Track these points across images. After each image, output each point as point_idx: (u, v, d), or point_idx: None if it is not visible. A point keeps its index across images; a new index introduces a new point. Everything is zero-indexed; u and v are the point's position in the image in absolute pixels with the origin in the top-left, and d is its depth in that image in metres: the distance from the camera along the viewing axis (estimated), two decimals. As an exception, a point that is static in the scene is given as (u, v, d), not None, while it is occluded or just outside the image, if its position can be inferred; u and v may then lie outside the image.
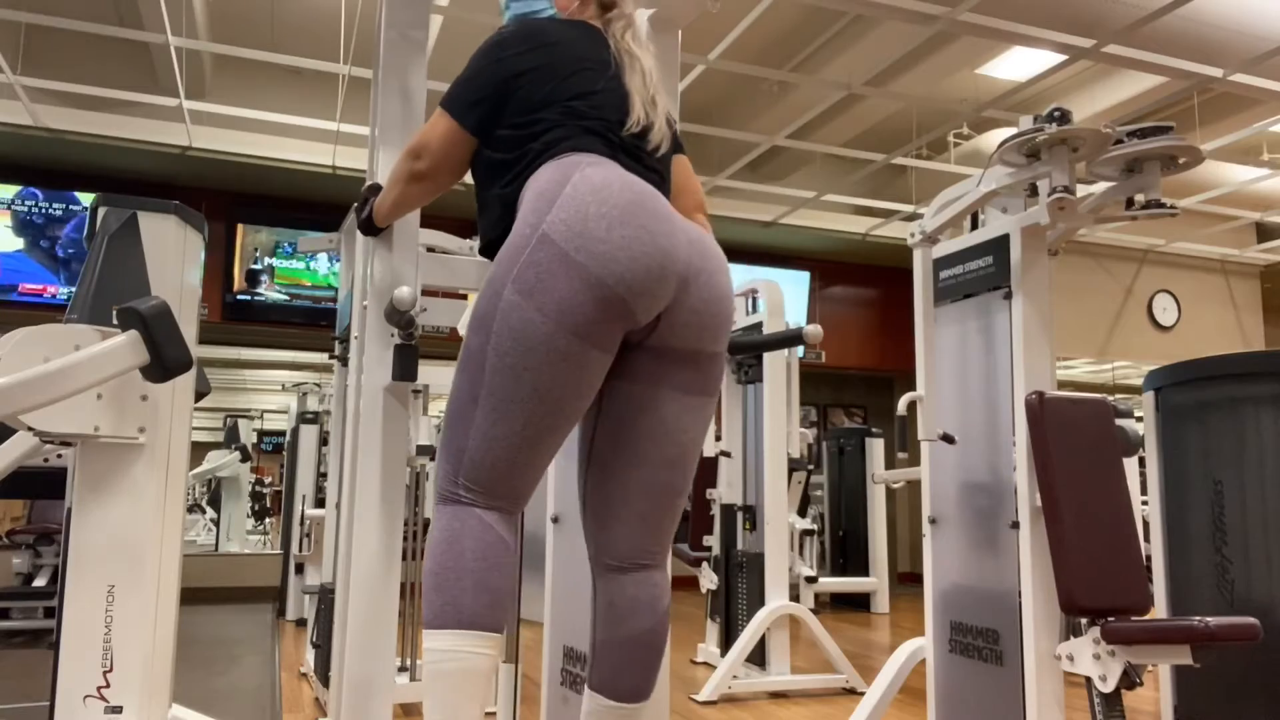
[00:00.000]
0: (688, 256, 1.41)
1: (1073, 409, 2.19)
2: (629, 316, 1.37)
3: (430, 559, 1.36)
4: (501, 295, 1.35)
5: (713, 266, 1.46)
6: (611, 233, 1.34)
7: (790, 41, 5.81)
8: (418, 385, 3.86)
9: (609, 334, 1.36)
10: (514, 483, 1.39)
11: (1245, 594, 2.38)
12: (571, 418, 1.40)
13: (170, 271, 2.02)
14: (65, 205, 6.29)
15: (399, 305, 1.56)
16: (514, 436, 1.36)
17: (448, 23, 5.33)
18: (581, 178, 1.38)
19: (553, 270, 1.32)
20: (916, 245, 2.67)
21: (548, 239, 1.34)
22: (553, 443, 1.40)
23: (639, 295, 1.35)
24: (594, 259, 1.32)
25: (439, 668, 1.31)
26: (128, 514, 1.89)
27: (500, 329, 1.35)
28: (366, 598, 1.64)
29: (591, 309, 1.33)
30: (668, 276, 1.38)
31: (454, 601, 1.31)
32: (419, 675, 3.58)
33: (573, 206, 1.35)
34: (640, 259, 1.34)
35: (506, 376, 1.34)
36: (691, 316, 1.43)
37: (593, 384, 1.39)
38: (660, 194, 1.46)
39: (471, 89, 1.52)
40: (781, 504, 4.03)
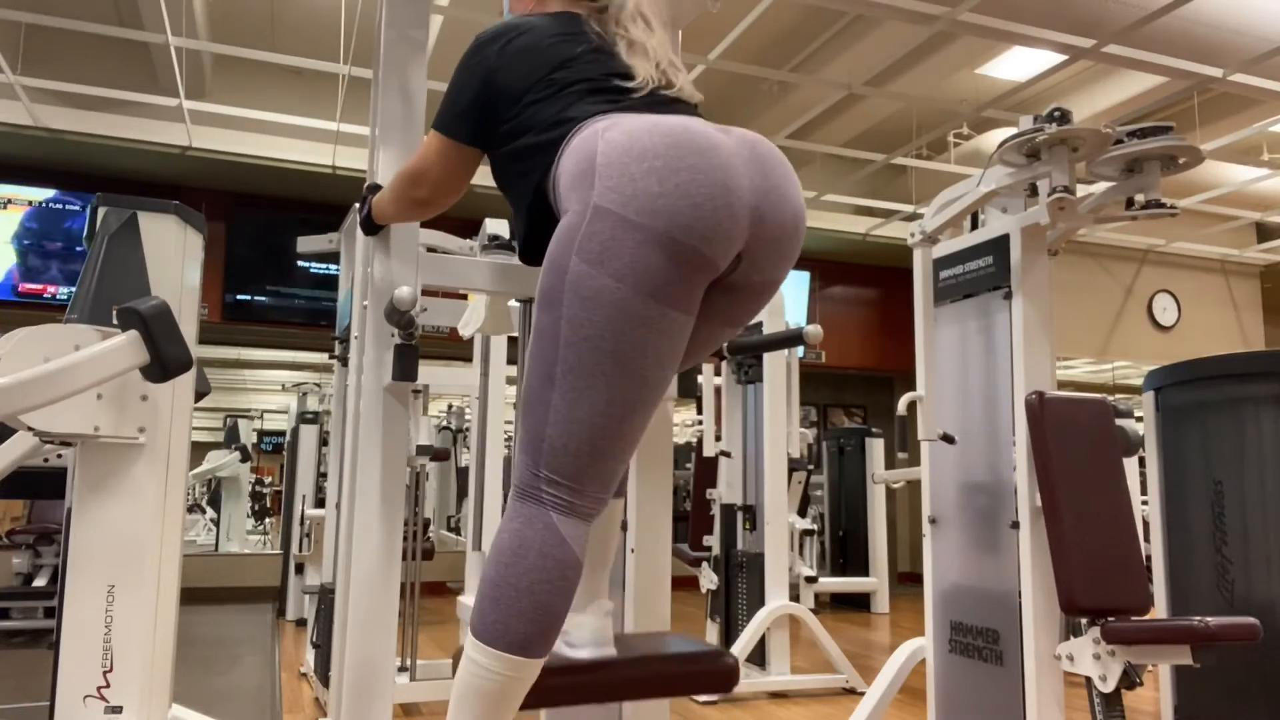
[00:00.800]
0: (749, 179, 1.30)
1: (1073, 409, 2.19)
2: (710, 266, 1.27)
3: (493, 565, 1.27)
4: (568, 268, 1.24)
5: (777, 180, 1.33)
6: (665, 184, 1.23)
7: (790, 41, 5.81)
8: (418, 385, 3.86)
9: (691, 292, 1.27)
10: (601, 469, 1.28)
11: (1245, 594, 2.38)
12: (657, 391, 1.29)
13: (170, 271, 2.02)
14: (65, 205, 6.29)
15: (399, 305, 1.56)
16: (598, 416, 1.25)
17: (448, 23, 5.33)
18: (605, 145, 1.27)
19: (617, 236, 1.22)
20: (916, 245, 2.67)
21: (602, 210, 1.23)
22: (640, 421, 1.29)
23: (714, 240, 1.25)
24: (657, 216, 1.22)
25: (477, 684, 1.25)
26: (128, 514, 1.89)
27: (571, 300, 1.24)
28: (366, 598, 1.64)
29: (669, 269, 1.23)
30: (736, 211, 1.27)
31: (507, 622, 1.24)
32: (419, 675, 3.58)
33: (613, 175, 1.24)
34: (704, 202, 1.23)
35: (584, 350, 1.24)
36: (773, 246, 1.33)
37: (677, 351, 1.29)
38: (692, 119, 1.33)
39: (456, 101, 1.47)
40: (781, 504, 4.03)
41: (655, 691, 1.49)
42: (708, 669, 1.52)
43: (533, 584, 1.24)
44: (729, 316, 1.41)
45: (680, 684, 1.51)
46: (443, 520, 9.05)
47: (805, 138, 6.44)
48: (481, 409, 3.75)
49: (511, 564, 1.25)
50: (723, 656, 1.53)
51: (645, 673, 1.48)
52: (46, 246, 6.22)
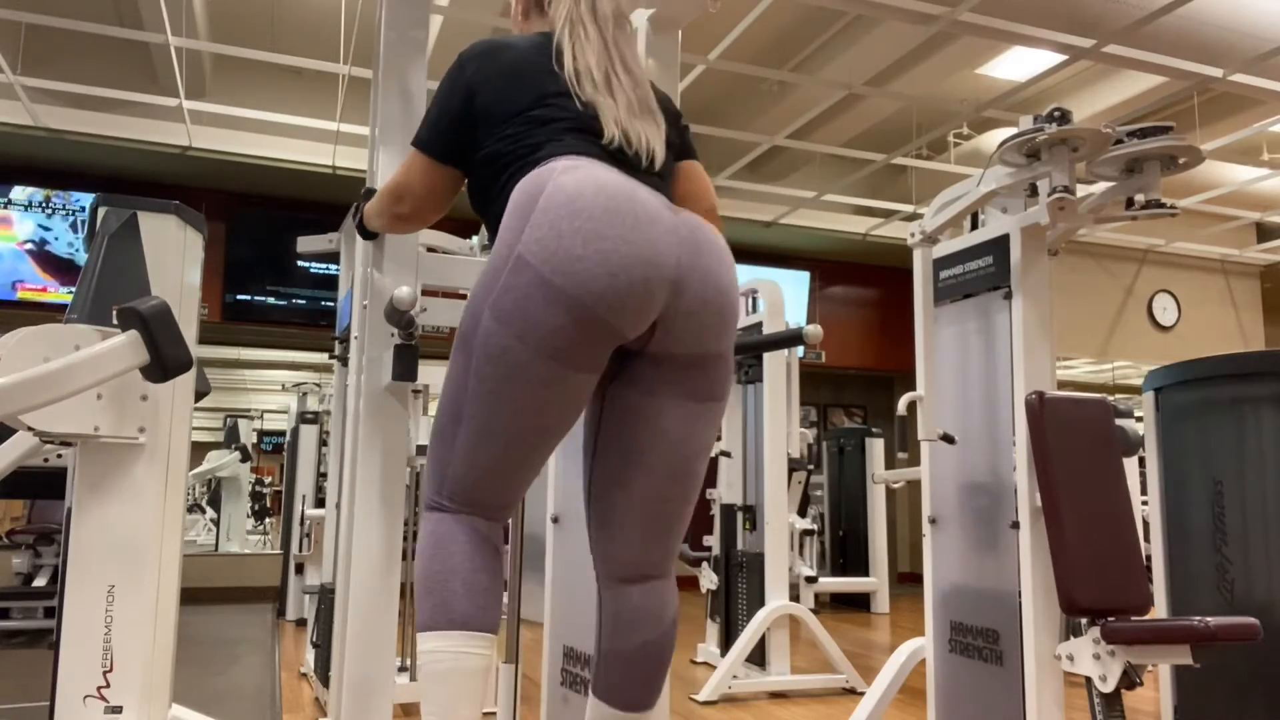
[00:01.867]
0: (677, 258, 1.33)
1: (1073, 409, 2.19)
2: (615, 335, 1.31)
3: (419, 563, 1.36)
4: (480, 321, 1.31)
5: (707, 261, 1.36)
6: (588, 248, 1.26)
7: (790, 41, 5.81)
8: (418, 385, 3.86)
9: (594, 355, 1.31)
10: (497, 497, 1.38)
11: (1245, 594, 2.38)
12: (555, 438, 1.37)
13: (170, 271, 2.02)
14: (65, 205, 6.29)
15: (399, 305, 1.56)
16: (494, 459, 1.34)
17: (448, 23, 5.33)
18: (555, 188, 1.30)
19: (529, 294, 1.27)
20: (916, 245, 2.67)
21: (523, 261, 1.28)
22: (536, 462, 1.38)
23: (623, 312, 1.28)
24: (571, 280, 1.26)
25: (433, 669, 1.31)
26: (128, 514, 1.90)
27: (480, 355, 1.31)
28: (366, 598, 1.64)
29: (572, 332, 1.27)
30: (654, 287, 1.30)
31: (444, 603, 1.31)
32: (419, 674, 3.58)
33: (546, 223, 1.28)
34: (620, 274, 1.27)
35: (487, 402, 1.31)
36: (689, 320, 1.35)
37: (578, 404, 1.36)
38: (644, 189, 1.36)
39: (437, 119, 1.47)
40: (781, 504, 4.03)
41: None
42: None
43: (456, 564, 1.33)
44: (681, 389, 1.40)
45: None
46: (443, 520, 9.03)
47: (805, 138, 6.44)
48: (481, 409, 3.74)
49: (434, 555, 1.35)
50: None
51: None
52: (47, 247, 6.22)
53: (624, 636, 1.45)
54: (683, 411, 1.41)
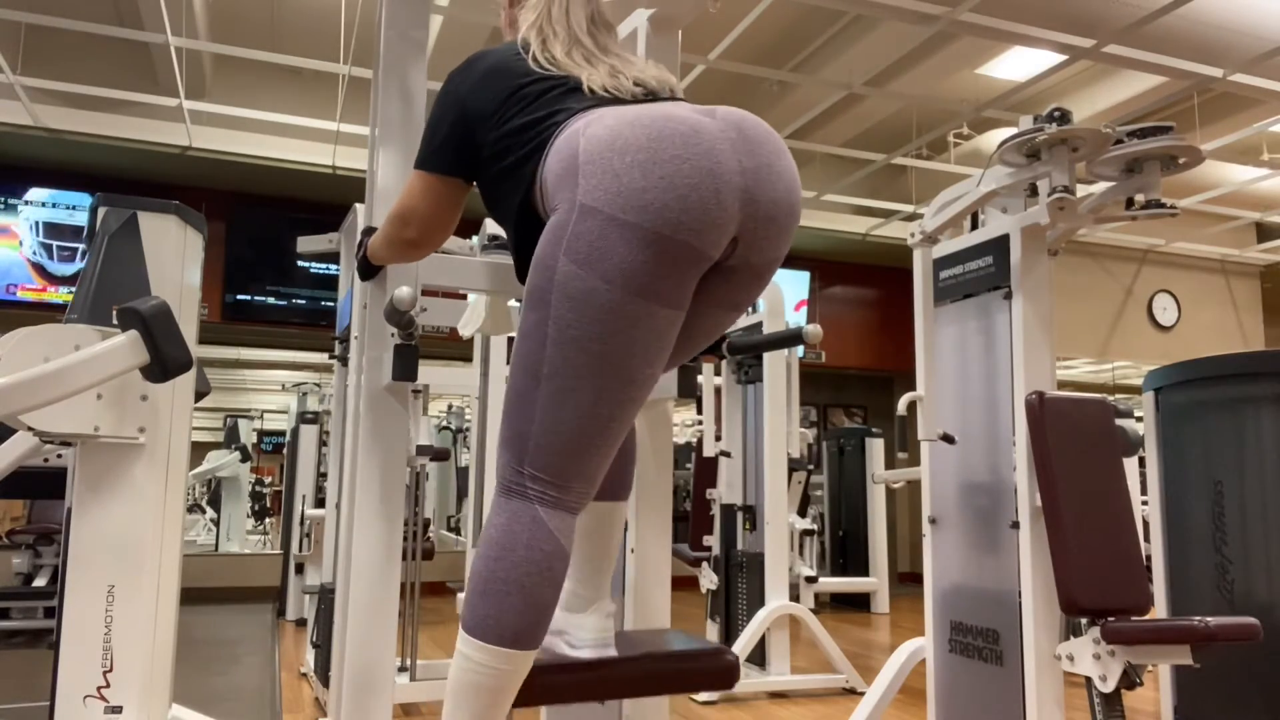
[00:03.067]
0: (738, 161, 1.26)
1: (1073, 409, 2.19)
2: (703, 258, 1.24)
3: (482, 560, 1.27)
4: (555, 268, 1.23)
5: (766, 156, 1.29)
6: (649, 177, 1.20)
7: (790, 41, 5.81)
8: (418, 385, 3.86)
9: (683, 287, 1.25)
10: (586, 465, 1.28)
11: (1245, 594, 2.38)
12: (646, 387, 1.28)
13: (170, 271, 2.02)
14: (65, 205, 6.29)
15: (399, 305, 1.56)
16: (584, 416, 1.24)
17: (448, 23, 5.33)
18: (587, 141, 1.25)
19: (605, 235, 1.20)
20: (916, 245, 2.67)
21: (588, 209, 1.21)
22: (627, 418, 1.29)
23: (705, 232, 1.22)
24: (644, 212, 1.19)
25: (471, 679, 1.26)
26: (128, 514, 1.90)
27: (559, 300, 1.22)
28: (366, 598, 1.64)
29: (659, 266, 1.21)
30: (725, 199, 1.23)
31: (499, 616, 1.24)
32: (419, 675, 3.58)
33: (596, 171, 1.22)
34: (690, 193, 1.20)
35: (571, 350, 1.22)
36: (769, 225, 1.29)
37: (666, 346, 1.28)
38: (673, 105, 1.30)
39: (434, 136, 1.46)
40: (781, 504, 4.03)
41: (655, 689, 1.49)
42: (708, 666, 1.52)
43: (522, 577, 1.24)
44: (731, 301, 1.38)
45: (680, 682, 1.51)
46: (443, 520, 9.05)
47: (805, 138, 6.44)
48: (481, 409, 3.75)
49: (500, 557, 1.25)
50: (723, 654, 1.53)
51: (645, 671, 1.48)
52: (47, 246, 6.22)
53: None
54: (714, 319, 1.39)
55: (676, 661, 1.51)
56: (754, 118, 1.33)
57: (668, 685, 1.49)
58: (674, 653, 1.52)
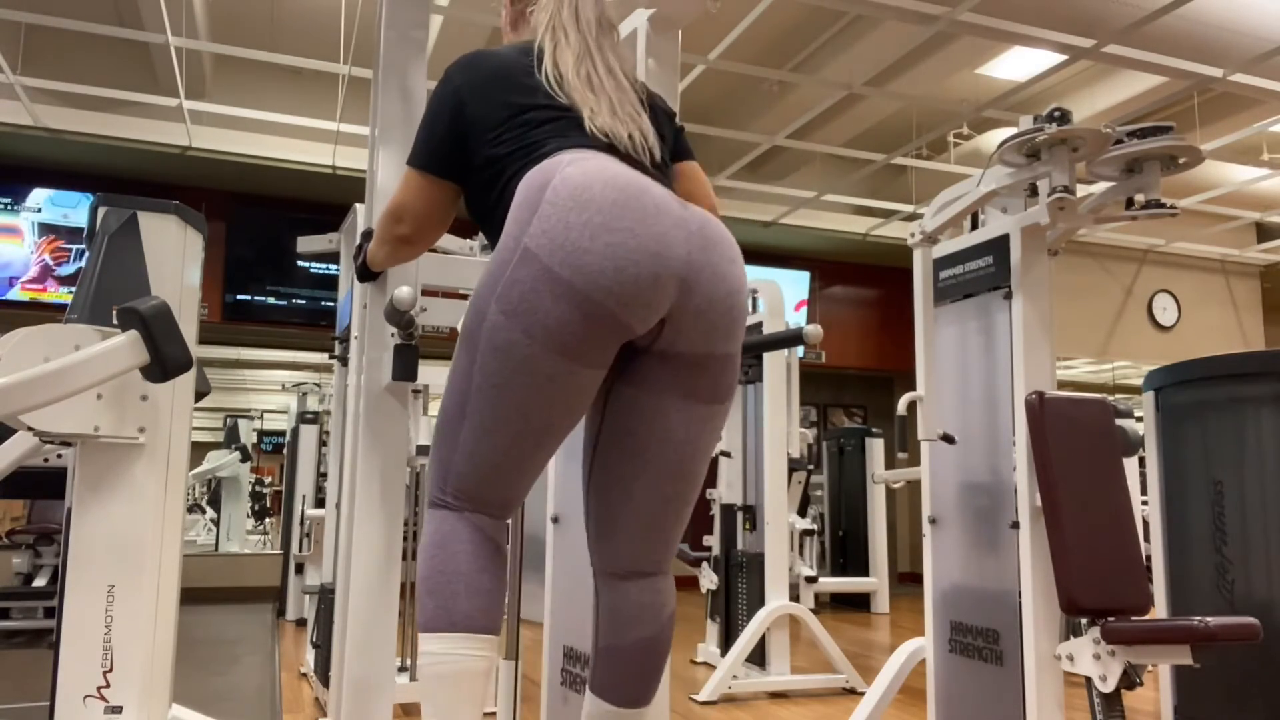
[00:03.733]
0: (687, 253, 1.31)
1: (1073, 409, 2.19)
2: (624, 330, 1.29)
3: (422, 563, 1.34)
4: (486, 315, 1.30)
5: (717, 258, 1.35)
6: (595, 241, 1.24)
7: (790, 41, 5.81)
8: (418, 385, 3.86)
9: (601, 350, 1.29)
10: (502, 494, 1.36)
11: (1245, 594, 2.38)
12: (560, 434, 1.36)
13: (170, 271, 2.02)
14: (65, 205, 6.29)
15: (399, 305, 1.56)
16: (499, 455, 1.33)
17: (448, 23, 5.33)
18: (561, 180, 1.28)
19: (536, 289, 1.25)
20: (916, 245, 2.67)
21: (530, 254, 1.26)
22: (541, 458, 1.36)
23: (631, 307, 1.27)
24: (579, 273, 1.24)
25: (434, 670, 1.30)
26: (128, 514, 1.90)
27: (485, 349, 1.30)
28: (366, 598, 1.64)
29: (580, 327, 1.26)
30: (663, 282, 1.28)
31: (446, 605, 1.30)
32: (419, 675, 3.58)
33: (553, 216, 1.26)
34: (629, 268, 1.25)
35: (491, 397, 1.30)
36: (698, 319, 1.34)
37: (584, 400, 1.34)
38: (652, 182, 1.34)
39: (429, 135, 1.47)
40: (781, 504, 4.03)
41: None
42: None
43: (459, 565, 1.32)
44: (686, 389, 1.38)
45: None
46: (443, 520, 9.03)
47: (805, 138, 6.44)
48: (481, 409, 3.74)
49: (436, 554, 1.34)
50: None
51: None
52: (47, 246, 6.22)
53: (621, 633, 1.45)
54: (687, 412, 1.39)
55: None
56: (720, 225, 1.40)
57: None
58: None
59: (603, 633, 1.47)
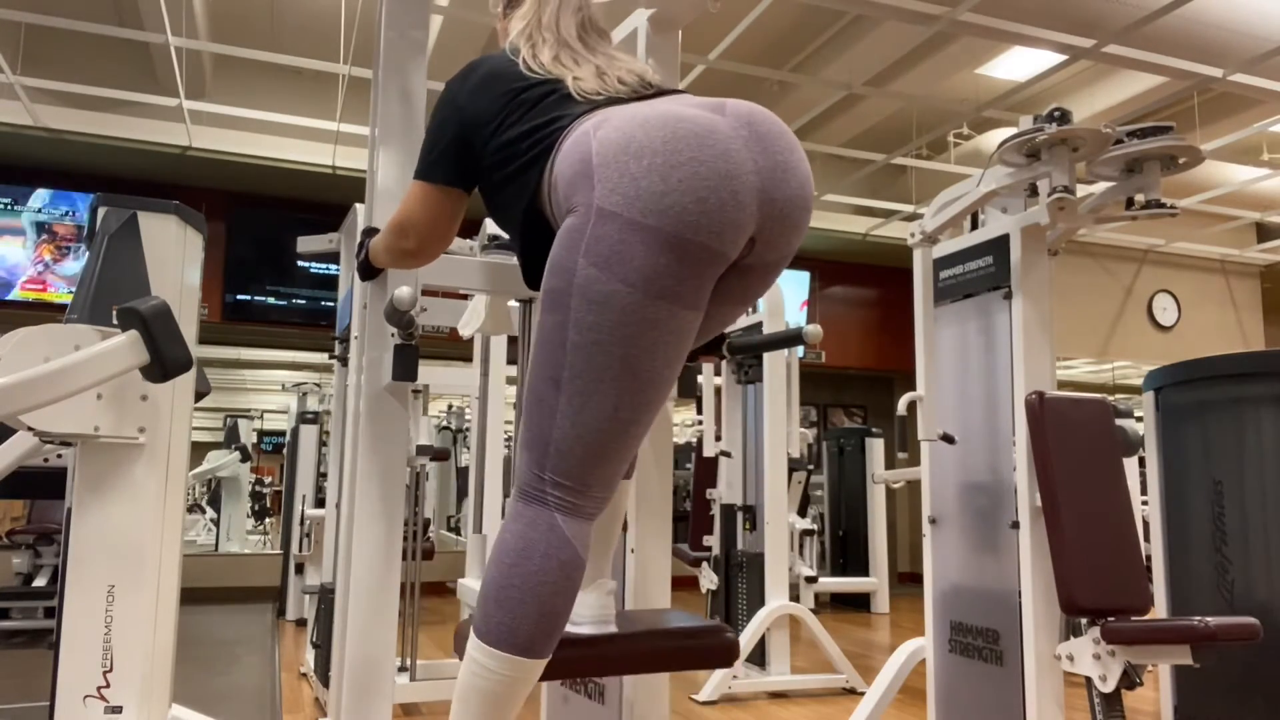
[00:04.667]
0: (753, 161, 1.26)
1: (1073, 409, 2.19)
2: (722, 259, 1.24)
3: (497, 565, 1.26)
4: (575, 271, 1.22)
5: (782, 153, 1.29)
6: (668, 181, 1.19)
7: (790, 41, 5.81)
8: (418, 385, 3.86)
9: (703, 288, 1.25)
10: (607, 470, 1.27)
11: (1245, 594, 2.38)
12: (665, 389, 1.28)
13: (170, 271, 2.02)
14: (65, 205, 6.29)
15: (399, 305, 1.56)
16: (606, 420, 1.23)
17: (448, 23, 5.33)
18: (600, 144, 1.24)
19: (625, 239, 1.19)
20: (916, 245, 2.67)
21: (606, 213, 1.20)
22: (647, 422, 1.28)
23: (724, 234, 1.22)
24: (664, 216, 1.19)
25: (482, 685, 1.25)
26: (128, 514, 1.90)
27: (579, 304, 1.21)
28: (366, 598, 1.64)
29: (681, 268, 1.20)
30: (743, 198, 1.23)
31: (513, 624, 1.23)
32: (419, 675, 3.58)
33: (612, 175, 1.21)
34: (710, 196, 1.20)
35: (593, 354, 1.22)
36: (783, 222, 1.29)
37: (685, 348, 1.28)
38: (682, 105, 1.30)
39: (433, 146, 1.46)
40: (781, 504, 4.03)
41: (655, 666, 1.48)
42: (707, 644, 1.51)
43: (538, 586, 1.23)
44: (743, 295, 1.38)
45: (680, 658, 1.50)
46: (443, 520, 9.05)
47: (805, 138, 6.44)
48: (481, 409, 3.75)
49: (516, 565, 1.24)
50: (722, 631, 1.52)
51: (646, 647, 1.46)
52: (47, 247, 6.22)
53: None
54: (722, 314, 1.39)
55: (676, 639, 1.50)
56: (764, 111, 1.33)
57: (668, 662, 1.48)
58: (674, 630, 1.51)
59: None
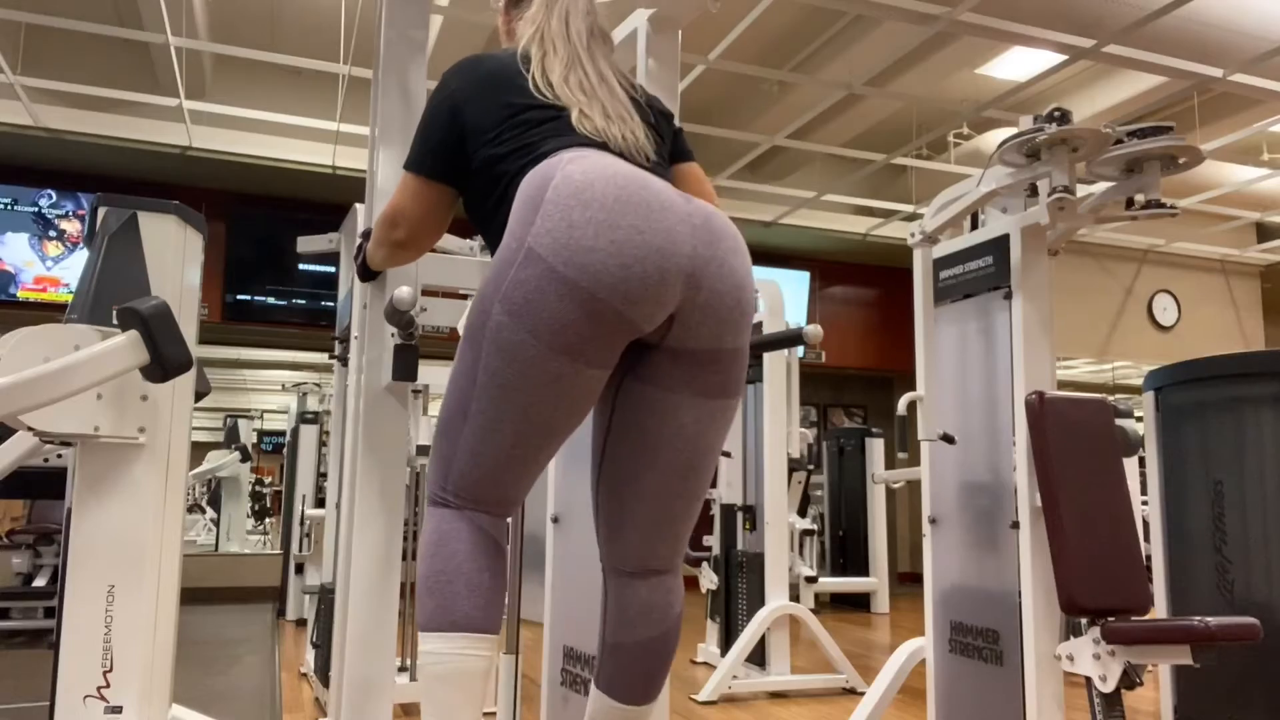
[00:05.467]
0: (692, 248, 1.30)
1: (1073, 409, 2.19)
2: (630, 328, 1.28)
3: (422, 562, 1.34)
4: (490, 314, 1.28)
5: (723, 252, 1.33)
6: (599, 239, 1.23)
7: (790, 41, 5.81)
8: (418, 385, 3.86)
9: (607, 349, 1.29)
10: (502, 492, 1.36)
11: (1245, 594, 2.38)
12: (563, 434, 1.35)
13: (170, 271, 2.02)
14: (65, 206, 6.29)
15: (399, 305, 1.56)
16: (502, 454, 1.32)
17: (448, 23, 5.33)
18: (563, 178, 1.27)
19: (541, 288, 1.24)
20: (916, 245, 2.67)
21: (533, 254, 1.25)
22: (543, 458, 1.36)
23: (638, 304, 1.25)
24: (583, 272, 1.23)
25: (434, 670, 1.30)
26: (128, 514, 1.90)
27: (490, 348, 1.28)
28: (366, 598, 1.64)
29: (586, 327, 1.24)
30: (669, 278, 1.27)
31: (446, 604, 1.30)
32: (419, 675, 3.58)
33: (556, 214, 1.25)
34: (634, 265, 1.24)
35: (495, 396, 1.29)
36: (706, 314, 1.33)
37: (589, 401, 1.33)
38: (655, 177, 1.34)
39: (426, 138, 1.47)
40: (781, 504, 4.03)
41: None
42: None
43: (460, 564, 1.31)
44: (697, 386, 1.38)
45: None
46: (443, 520, 9.03)
47: (805, 138, 6.44)
48: (481, 409, 3.73)
49: (436, 553, 1.33)
50: None
51: None
52: (47, 247, 6.22)
53: (629, 630, 1.45)
54: (698, 408, 1.38)
55: None
56: (724, 217, 1.39)
57: None
58: None
59: (610, 630, 1.47)
